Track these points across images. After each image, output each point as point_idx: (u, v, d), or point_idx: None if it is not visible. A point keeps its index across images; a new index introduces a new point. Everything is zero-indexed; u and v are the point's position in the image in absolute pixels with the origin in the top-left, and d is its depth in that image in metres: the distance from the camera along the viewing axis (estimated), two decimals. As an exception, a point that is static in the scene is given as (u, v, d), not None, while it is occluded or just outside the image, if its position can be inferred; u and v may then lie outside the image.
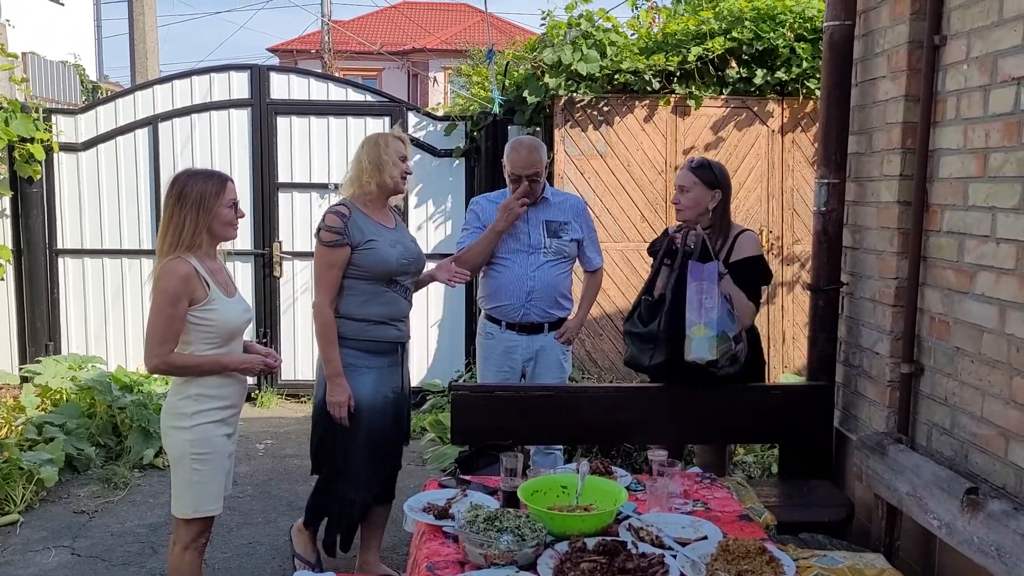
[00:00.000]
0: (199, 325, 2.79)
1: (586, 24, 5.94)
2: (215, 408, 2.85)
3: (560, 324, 3.88)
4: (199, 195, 2.78)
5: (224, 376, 2.87)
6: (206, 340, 2.82)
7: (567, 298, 3.91)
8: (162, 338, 2.74)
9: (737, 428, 3.65)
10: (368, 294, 3.34)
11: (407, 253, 3.41)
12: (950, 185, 2.92)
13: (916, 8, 3.11)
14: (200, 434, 2.83)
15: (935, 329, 3.01)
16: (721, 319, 3.17)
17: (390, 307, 3.38)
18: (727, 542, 2.24)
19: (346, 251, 3.28)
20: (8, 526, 4.19)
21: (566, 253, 3.85)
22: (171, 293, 2.72)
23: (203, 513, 2.88)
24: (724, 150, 6.04)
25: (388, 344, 3.40)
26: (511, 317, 3.84)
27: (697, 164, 3.50)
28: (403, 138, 3.48)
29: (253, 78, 6.40)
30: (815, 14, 5.87)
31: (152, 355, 2.75)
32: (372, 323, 3.35)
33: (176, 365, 2.79)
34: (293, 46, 25.71)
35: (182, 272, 2.74)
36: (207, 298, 2.79)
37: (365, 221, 3.34)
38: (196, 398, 2.83)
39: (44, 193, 6.30)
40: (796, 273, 6.15)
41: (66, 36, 13.42)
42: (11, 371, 6.28)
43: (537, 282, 3.79)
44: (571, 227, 3.85)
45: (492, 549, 2.16)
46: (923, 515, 2.65)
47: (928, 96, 3.01)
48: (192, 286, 2.75)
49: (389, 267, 3.33)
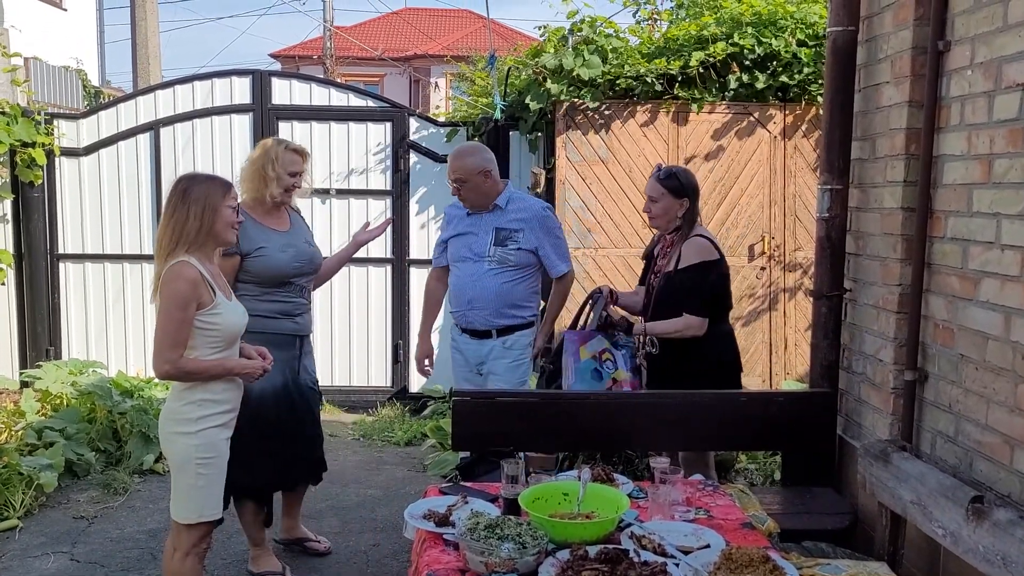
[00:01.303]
0: (205, 329, 2.79)
1: (588, 30, 5.95)
2: (218, 413, 2.86)
3: (510, 331, 3.86)
4: (204, 194, 2.79)
5: (226, 380, 2.88)
6: (210, 344, 2.82)
7: (519, 307, 3.87)
8: (173, 343, 2.73)
9: (739, 435, 3.62)
10: (261, 293, 3.51)
11: (299, 256, 3.57)
12: (954, 191, 2.91)
13: (920, 14, 3.10)
14: (205, 439, 2.83)
15: (939, 336, 2.99)
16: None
17: (284, 304, 3.56)
18: (730, 550, 2.22)
19: (236, 259, 3.45)
20: (7, 532, 4.17)
21: (511, 262, 3.80)
22: (181, 297, 2.72)
23: (207, 518, 2.87)
24: (726, 156, 6.03)
25: (284, 337, 3.55)
26: (460, 322, 3.95)
27: (664, 174, 3.58)
28: (300, 151, 3.59)
29: (255, 83, 6.40)
30: (816, 20, 5.87)
31: (163, 360, 2.73)
32: (268, 318, 3.49)
33: (187, 370, 2.78)
34: (295, 52, 25.74)
35: (191, 276, 2.74)
36: (213, 302, 2.79)
37: (255, 228, 3.49)
38: (201, 403, 2.82)
39: (46, 198, 6.29)
40: (798, 279, 6.13)
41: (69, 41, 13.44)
42: (11, 376, 6.27)
43: (478, 291, 3.81)
44: (522, 235, 3.81)
45: (493, 557, 2.14)
46: (928, 523, 2.63)
47: (932, 102, 3.00)
48: (199, 290, 2.75)
49: (281, 272, 3.52)
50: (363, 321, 6.58)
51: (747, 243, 6.11)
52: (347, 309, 6.48)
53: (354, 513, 4.51)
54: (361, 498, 4.73)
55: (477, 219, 3.87)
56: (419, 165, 6.46)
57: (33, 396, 5.51)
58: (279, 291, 3.54)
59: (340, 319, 6.52)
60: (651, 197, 3.60)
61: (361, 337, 6.58)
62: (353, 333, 6.56)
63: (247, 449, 3.39)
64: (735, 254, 6.10)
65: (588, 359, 3.45)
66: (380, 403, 6.45)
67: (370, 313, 6.56)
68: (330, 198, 6.44)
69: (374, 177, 6.50)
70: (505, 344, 3.87)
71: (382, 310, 6.55)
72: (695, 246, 3.53)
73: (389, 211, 6.47)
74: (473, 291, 3.82)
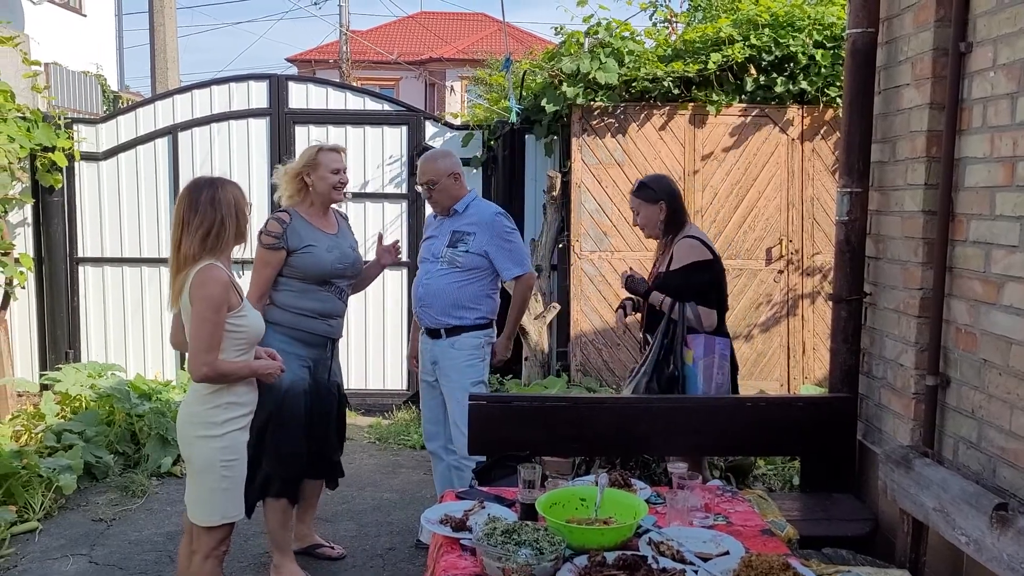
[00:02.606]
0: (232, 332, 2.82)
1: (604, 33, 5.93)
2: (241, 415, 2.91)
3: (458, 332, 3.87)
4: (234, 198, 2.86)
5: (247, 383, 2.93)
6: (236, 346, 2.85)
7: (467, 308, 3.87)
8: (209, 345, 2.75)
9: (758, 440, 3.60)
10: (302, 290, 3.62)
11: (343, 258, 3.68)
12: (976, 194, 2.87)
13: (941, 15, 3.07)
14: (230, 442, 2.86)
15: (961, 341, 2.95)
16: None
17: (323, 304, 3.66)
18: (750, 558, 2.20)
19: (282, 254, 3.58)
20: (27, 533, 4.20)
21: (460, 264, 3.84)
22: (216, 300, 2.75)
23: (230, 519, 2.90)
24: (743, 158, 6.00)
25: (316, 337, 3.66)
26: (418, 321, 4.03)
27: (636, 187, 3.74)
28: (337, 148, 3.74)
29: (272, 88, 6.43)
30: (834, 21, 5.83)
31: (201, 363, 2.75)
32: (304, 315, 3.62)
33: (223, 372, 2.80)
34: (311, 56, 25.87)
35: (223, 279, 2.78)
36: (240, 305, 2.84)
37: (305, 227, 3.64)
38: (227, 407, 2.85)
39: (65, 202, 6.35)
40: (816, 284, 6.09)
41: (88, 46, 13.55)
42: (32, 379, 6.32)
43: (427, 289, 3.90)
44: (472, 239, 3.85)
45: (510, 562, 2.13)
46: (950, 531, 2.59)
47: (953, 104, 2.97)
48: (230, 293, 2.80)
49: (325, 270, 3.62)
50: (379, 324, 6.59)
51: (764, 246, 6.07)
52: (363, 313, 6.49)
53: (370, 517, 4.51)
54: (377, 502, 4.73)
55: (441, 223, 3.98)
56: (435, 169, 6.46)
57: (53, 399, 5.55)
58: (319, 290, 3.64)
59: (356, 322, 6.53)
60: (633, 211, 3.75)
61: (377, 340, 6.59)
62: (369, 336, 6.57)
63: (278, 442, 3.56)
64: (752, 257, 6.07)
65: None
66: (396, 406, 6.45)
67: (386, 316, 6.57)
68: (346, 202, 6.45)
69: (390, 181, 6.51)
70: (453, 345, 3.88)
71: (398, 314, 6.56)
72: (686, 246, 3.58)
73: (405, 215, 6.48)
74: (424, 290, 3.91)
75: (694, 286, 3.52)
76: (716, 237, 6.05)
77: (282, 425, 3.55)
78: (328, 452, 3.81)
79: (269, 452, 3.56)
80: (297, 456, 3.62)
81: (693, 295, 3.51)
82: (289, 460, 3.61)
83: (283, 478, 3.63)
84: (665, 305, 3.54)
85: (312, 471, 3.79)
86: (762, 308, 6.10)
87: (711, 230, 6.05)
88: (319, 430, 3.71)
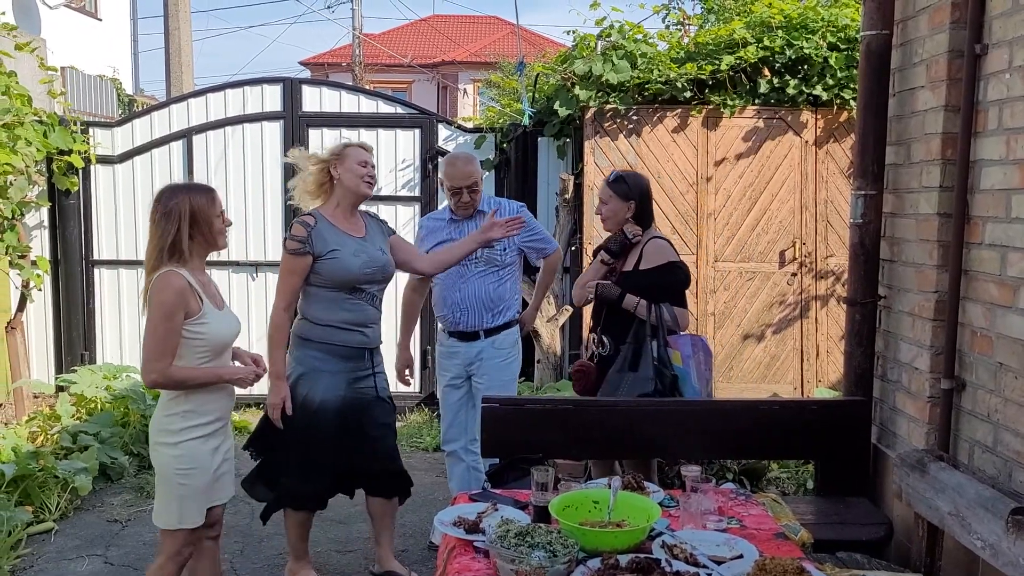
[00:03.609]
0: (190, 339, 2.78)
1: (616, 36, 5.93)
2: (202, 424, 2.85)
3: (498, 331, 3.92)
4: (192, 209, 2.78)
5: (212, 391, 2.87)
6: (198, 354, 2.82)
7: (505, 307, 3.94)
8: (160, 352, 2.74)
9: (772, 443, 3.59)
10: (332, 300, 3.45)
11: (371, 262, 3.47)
12: (992, 197, 2.86)
13: (956, 17, 3.06)
14: (186, 450, 2.83)
15: (977, 344, 2.94)
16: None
17: (354, 313, 3.47)
18: (763, 561, 2.19)
19: (308, 260, 3.40)
20: (43, 534, 4.23)
21: (498, 262, 3.90)
22: (168, 307, 2.72)
23: (186, 525, 2.87)
24: (756, 160, 5.98)
25: (351, 349, 3.48)
26: (448, 325, 4.01)
27: (613, 178, 3.67)
28: (365, 146, 3.57)
29: (285, 91, 6.46)
30: (848, 23, 5.81)
31: (150, 370, 2.75)
32: (336, 328, 3.45)
33: (175, 379, 2.78)
34: (325, 59, 25.97)
35: (178, 285, 2.73)
36: (200, 312, 2.79)
37: (330, 231, 3.44)
38: (184, 415, 2.83)
39: (81, 205, 6.39)
40: (830, 286, 6.06)
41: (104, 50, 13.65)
42: (48, 380, 6.37)
43: (466, 293, 3.89)
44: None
45: (523, 565, 2.13)
46: (966, 535, 2.58)
47: (969, 106, 2.95)
48: (186, 299, 2.75)
49: (352, 276, 3.42)
50: (392, 327, 6.58)
51: (777, 249, 6.05)
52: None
53: (383, 519, 4.51)
54: (390, 504, 4.73)
55: (461, 225, 3.95)
56: (448, 171, 6.48)
57: (68, 400, 5.60)
58: (349, 299, 3.46)
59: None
60: (601, 199, 3.68)
61: (390, 343, 6.56)
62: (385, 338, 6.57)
63: (303, 457, 3.45)
64: (765, 260, 6.05)
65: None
66: (408, 408, 6.46)
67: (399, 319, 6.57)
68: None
69: (403, 184, 6.53)
70: (494, 344, 3.93)
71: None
72: (658, 247, 3.57)
73: (418, 218, 6.49)
74: (461, 293, 3.90)
75: (670, 286, 3.54)
76: (729, 240, 6.04)
77: (310, 442, 3.43)
78: (378, 465, 3.60)
79: (293, 466, 3.46)
80: (322, 472, 3.49)
81: (668, 295, 3.52)
82: (314, 476, 3.49)
83: (305, 493, 3.53)
84: (641, 308, 3.48)
85: (342, 489, 3.67)
86: (775, 311, 6.08)
87: (724, 232, 6.04)
88: (361, 445, 3.52)
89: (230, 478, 3.03)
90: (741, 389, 6.05)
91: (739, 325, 6.09)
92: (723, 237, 6.05)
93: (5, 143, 5.36)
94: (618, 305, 3.51)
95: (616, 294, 3.51)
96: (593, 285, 3.56)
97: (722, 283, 6.06)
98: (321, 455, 3.46)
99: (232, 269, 6.44)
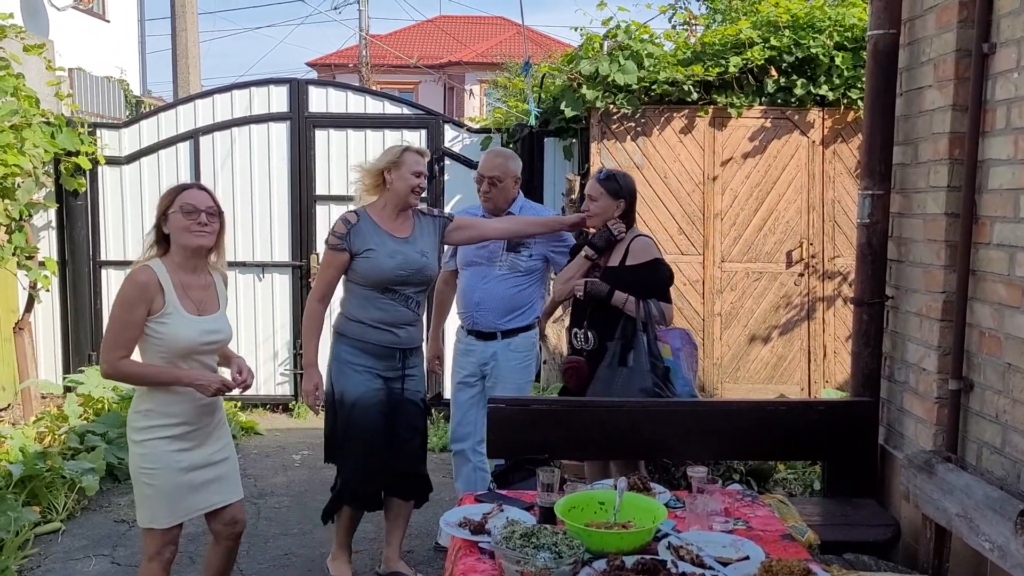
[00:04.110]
0: (149, 336, 2.78)
1: (622, 36, 5.92)
2: (165, 425, 2.83)
3: (515, 333, 3.93)
4: (166, 203, 2.82)
5: (174, 393, 2.82)
6: (158, 354, 2.80)
7: (524, 311, 3.95)
8: (114, 344, 2.75)
9: (779, 444, 3.57)
10: (366, 298, 3.50)
11: (406, 264, 3.47)
12: (1000, 197, 2.84)
13: (964, 16, 3.04)
14: (149, 449, 2.82)
15: (985, 345, 2.92)
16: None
17: (387, 313, 3.50)
18: (770, 562, 2.18)
19: (345, 256, 3.48)
20: (50, 534, 4.25)
21: (522, 268, 3.91)
22: (126, 299, 2.74)
23: (157, 526, 2.86)
24: (763, 160, 5.97)
25: (382, 348, 3.50)
26: (466, 323, 4.02)
27: (604, 176, 3.68)
28: (423, 152, 3.58)
29: (292, 92, 6.47)
30: (855, 22, 5.79)
31: (103, 360, 2.78)
32: (369, 326, 3.49)
33: (126, 372, 2.78)
34: (331, 60, 26.02)
35: (141, 280, 2.74)
36: (161, 311, 2.76)
37: (371, 229, 3.48)
38: (146, 414, 2.83)
39: (89, 205, 6.42)
40: (837, 286, 6.04)
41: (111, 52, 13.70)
42: (55, 381, 6.39)
43: (486, 294, 3.90)
44: (533, 243, 3.90)
45: (529, 566, 2.13)
46: (974, 537, 2.56)
47: (976, 105, 2.94)
48: (151, 294, 2.74)
49: (383, 277, 3.45)
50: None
51: (784, 249, 6.03)
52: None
53: (389, 519, 4.52)
54: (396, 504, 4.73)
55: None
56: (454, 172, 6.48)
57: (76, 401, 5.61)
58: (382, 298, 3.48)
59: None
60: (590, 196, 3.67)
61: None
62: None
63: (345, 456, 3.53)
64: (772, 260, 6.04)
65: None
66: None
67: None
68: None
69: (409, 184, 6.52)
70: (510, 346, 3.94)
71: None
72: (644, 244, 3.59)
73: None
74: (482, 293, 3.90)
75: (658, 282, 3.56)
76: (736, 240, 6.03)
77: (348, 439, 3.49)
78: (405, 466, 3.61)
79: (347, 461, 3.53)
80: (359, 470, 3.51)
81: (655, 291, 3.54)
82: (352, 474, 3.53)
83: (351, 491, 3.57)
84: (630, 304, 3.49)
85: (396, 488, 3.66)
86: (782, 311, 6.06)
87: (731, 233, 6.02)
88: (391, 445, 3.54)
89: (221, 485, 2.97)
90: (748, 390, 6.04)
91: (746, 325, 6.07)
92: (730, 237, 6.03)
93: (13, 144, 5.38)
94: (607, 302, 3.51)
95: (605, 291, 3.50)
96: (582, 283, 3.55)
97: (729, 283, 6.04)
98: (360, 452, 3.49)
99: (239, 270, 6.45)
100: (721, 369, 6.09)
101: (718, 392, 6.07)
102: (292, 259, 6.53)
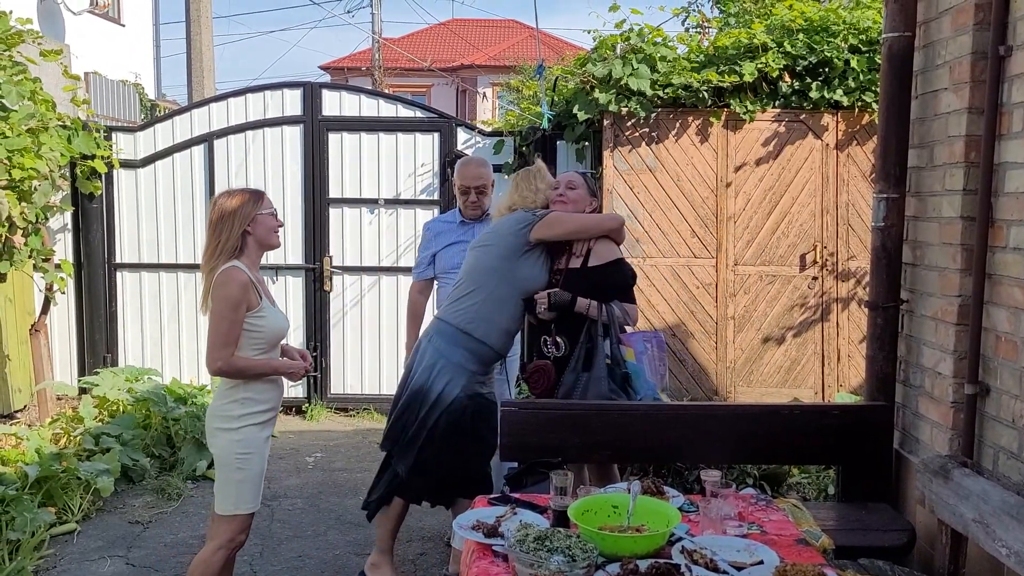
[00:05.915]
0: (249, 331, 2.95)
1: (636, 39, 5.92)
2: (259, 411, 3.01)
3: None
4: (236, 211, 2.95)
5: (267, 381, 3.03)
6: (254, 346, 2.98)
7: None
8: (224, 341, 2.90)
9: (793, 449, 3.56)
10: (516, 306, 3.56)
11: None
12: (1016, 200, 2.82)
13: (980, 18, 3.02)
14: (245, 436, 2.97)
15: (1001, 349, 2.90)
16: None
17: (517, 322, 3.63)
18: (784, 567, 2.18)
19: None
20: (66, 535, 4.27)
21: None
22: (233, 299, 2.88)
23: (242, 511, 3.00)
24: (777, 164, 5.95)
25: (498, 355, 3.61)
26: None
27: (584, 172, 3.82)
28: (541, 167, 3.76)
29: (305, 95, 6.50)
30: (870, 25, 5.76)
31: (215, 358, 2.90)
32: (506, 333, 3.57)
33: (237, 367, 2.94)
34: (344, 63, 26.10)
35: (243, 279, 2.91)
36: (259, 305, 2.96)
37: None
38: (243, 402, 2.98)
39: (104, 209, 6.47)
40: (851, 290, 6.01)
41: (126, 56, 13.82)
42: (71, 382, 6.44)
43: None
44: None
45: (542, 569, 2.13)
46: (991, 543, 2.55)
47: (992, 108, 2.92)
48: (248, 293, 2.91)
49: (539, 285, 3.55)
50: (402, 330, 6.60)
51: (798, 252, 6.01)
52: (395, 319, 6.52)
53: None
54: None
55: (469, 228, 4.01)
56: (466, 175, 6.48)
57: (91, 402, 5.64)
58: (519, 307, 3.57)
59: (388, 328, 6.58)
60: (571, 184, 3.65)
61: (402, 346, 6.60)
62: (400, 342, 6.60)
63: (424, 452, 3.47)
64: (786, 263, 6.02)
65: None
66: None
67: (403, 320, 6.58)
68: (379, 208, 6.51)
69: (422, 187, 6.55)
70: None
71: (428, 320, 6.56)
72: (606, 244, 3.58)
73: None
74: None
75: (620, 281, 3.55)
76: (749, 243, 6.01)
77: (432, 439, 3.47)
78: (479, 468, 3.62)
79: (411, 458, 3.48)
80: (435, 468, 3.50)
81: (618, 291, 3.53)
82: (424, 472, 3.50)
83: (415, 487, 3.55)
84: (592, 309, 3.46)
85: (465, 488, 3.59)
86: (795, 314, 6.04)
87: (744, 236, 6.01)
88: (472, 447, 3.55)
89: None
90: (761, 393, 6.01)
91: (759, 329, 6.05)
92: (743, 240, 6.02)
93: (30, 148, 5.43)
94: (571, 309, 3.49)
95: (568, 299, 3.47)
96: (545, 295, 3.50)
97: (742, 287, 6.03)
98: (440, 452, 3.47)
99: (252, 272, 6.47)
100: (734, 373, 6.07)
101: (731, 396, 6.05)
102: (305, 262, 6.55)
